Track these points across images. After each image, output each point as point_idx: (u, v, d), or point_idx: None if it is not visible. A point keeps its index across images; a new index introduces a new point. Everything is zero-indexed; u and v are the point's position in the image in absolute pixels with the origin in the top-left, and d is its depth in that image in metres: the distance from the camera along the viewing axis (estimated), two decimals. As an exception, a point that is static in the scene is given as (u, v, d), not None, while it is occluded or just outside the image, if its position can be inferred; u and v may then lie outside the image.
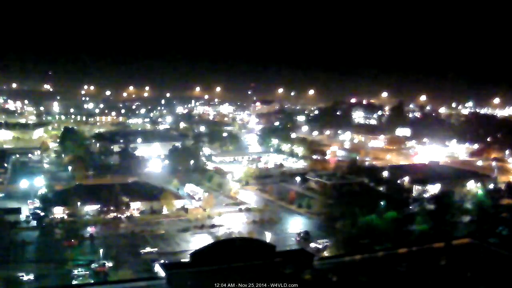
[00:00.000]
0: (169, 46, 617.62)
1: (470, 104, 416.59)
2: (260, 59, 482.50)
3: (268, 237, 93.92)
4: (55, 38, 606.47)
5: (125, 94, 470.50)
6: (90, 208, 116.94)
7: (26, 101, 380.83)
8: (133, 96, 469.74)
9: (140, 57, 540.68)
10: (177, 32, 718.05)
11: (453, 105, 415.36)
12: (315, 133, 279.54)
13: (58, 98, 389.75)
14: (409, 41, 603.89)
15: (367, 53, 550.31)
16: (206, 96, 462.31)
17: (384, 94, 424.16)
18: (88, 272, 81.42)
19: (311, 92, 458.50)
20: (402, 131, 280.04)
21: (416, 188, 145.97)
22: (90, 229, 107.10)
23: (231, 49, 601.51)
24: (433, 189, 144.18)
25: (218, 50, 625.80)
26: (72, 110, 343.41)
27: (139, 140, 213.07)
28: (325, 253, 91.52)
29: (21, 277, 77.86)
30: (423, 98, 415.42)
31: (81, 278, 79.65)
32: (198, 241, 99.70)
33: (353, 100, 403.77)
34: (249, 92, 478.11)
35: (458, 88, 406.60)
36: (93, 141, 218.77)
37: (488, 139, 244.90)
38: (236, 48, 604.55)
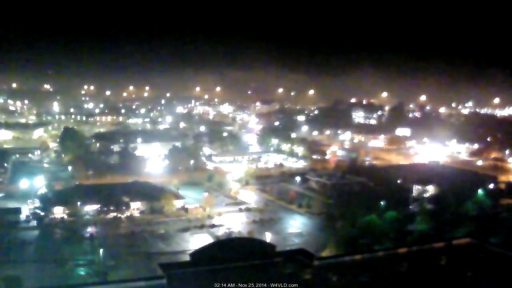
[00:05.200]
0: (169, 46, 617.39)
1: (470, 104, 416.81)
2: (260, 58, 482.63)
3: (268, 237, 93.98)
4: (55, 37, 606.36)
5: (125, 94, 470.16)
6: (90, 208, 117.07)
7: (26, 101, 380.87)
8: (133, 96, 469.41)
9: (140, 57, 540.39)
10: (177, 32, 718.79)
11: (453, 105, 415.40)
12: (315, 133, 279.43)
13: (58, 98, 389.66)
14: (409, 41, 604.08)
15: (367, 53, 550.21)
16: (206, 96, 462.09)
17: (384, 94, 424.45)
18: (88, 272, 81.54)
19: (311, 92, 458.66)
20: (402, 131, 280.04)
21: (416, 188, 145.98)
22: (90, 229, 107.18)
23: (231, 49, 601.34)
24: (433, 189, 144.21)
25: (218, 50, 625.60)
26: (72, 110, 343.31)
27: (139, 140, 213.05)
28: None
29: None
30: (423, 98, 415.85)
31: (81, 278, 79.70)
32: (198, 241, 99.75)
33: (353, 100, 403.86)
34: (249, 92, 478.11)
35: (458, 88, 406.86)
36: (93, 141, 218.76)
37: (488, 139, 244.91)
38: (236, 48, 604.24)
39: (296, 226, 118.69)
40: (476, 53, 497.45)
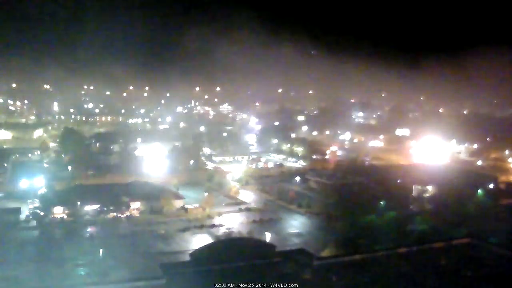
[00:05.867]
0: (169, 46, 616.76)
1: (470, 104, 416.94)
2: (260, 58, 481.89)
3: (268, 237, 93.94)
4: (56, 37, 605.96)
5: (125, 94, 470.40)
6: (90, 208, 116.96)
7: (26, 101, 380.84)
8: (133, 96, 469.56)
9: (140, 57, 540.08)
10: (177, 32, 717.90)
11: (453, 105, 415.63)
12: (315, 133, 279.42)
13: (58, 98, 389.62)
14: (409, 41, 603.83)
15: (367, 53, 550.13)
16: (206, 96, 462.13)
17: (384, 94, 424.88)
18: (88, 272, 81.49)
19: (311, 92, 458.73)
20: (402, 131, 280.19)
21: (416, 188, 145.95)
22: (90, 229, 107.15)
23: (231, 49, 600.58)
24: (433, 189, 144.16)
25: (218, 50, 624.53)
26: (72, 110, 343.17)
27: (139, 140, 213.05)
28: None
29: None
30: (423, 98, 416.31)
31: (81, 278, 79.66)
32: (198, 241, 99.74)
33: (353, 100, 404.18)
34: (249, 92, 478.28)
35: (458, 88, 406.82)
36: (93, 141, 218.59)
37: (488, 139, 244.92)
38: (236, 48, 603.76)
39: (296, 226, 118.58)
40: (476, 53, 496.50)
